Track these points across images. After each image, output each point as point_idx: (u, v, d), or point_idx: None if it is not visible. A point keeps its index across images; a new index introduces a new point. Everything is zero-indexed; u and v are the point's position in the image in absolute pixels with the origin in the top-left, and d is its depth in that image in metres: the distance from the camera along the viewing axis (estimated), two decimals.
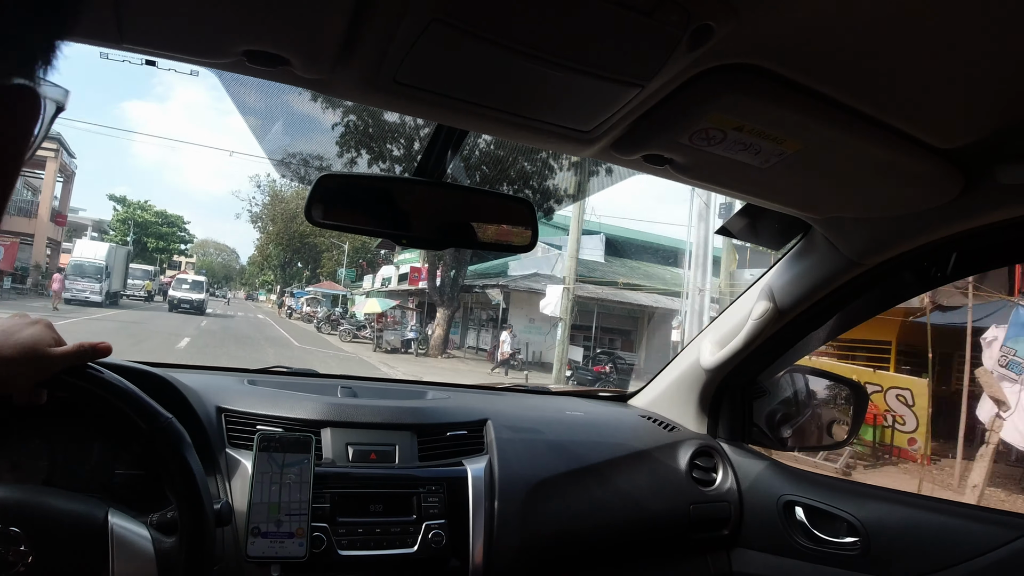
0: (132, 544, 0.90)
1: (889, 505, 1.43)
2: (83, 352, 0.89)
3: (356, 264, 46.47)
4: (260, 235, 58.28)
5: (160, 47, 0.75)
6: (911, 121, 0.84)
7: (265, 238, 56.79)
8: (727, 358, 1.61)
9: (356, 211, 1.09)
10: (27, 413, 1.02)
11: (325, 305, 39.51)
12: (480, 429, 1.43)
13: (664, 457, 1.60)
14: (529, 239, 1.15)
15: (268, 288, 71.28)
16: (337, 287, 43.86)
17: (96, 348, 0.90)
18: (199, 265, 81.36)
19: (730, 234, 1.47)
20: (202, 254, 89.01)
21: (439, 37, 0.66)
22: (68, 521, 0.89)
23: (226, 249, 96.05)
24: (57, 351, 0.87)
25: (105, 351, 0.91)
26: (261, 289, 74.75)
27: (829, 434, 1.76)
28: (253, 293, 75.05)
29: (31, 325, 0.88)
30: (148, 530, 0.93)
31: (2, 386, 0.84)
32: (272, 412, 1.27)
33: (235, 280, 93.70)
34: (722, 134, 0.85)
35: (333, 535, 1.15)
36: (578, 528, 1.40)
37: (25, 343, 0.85)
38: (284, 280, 59.12)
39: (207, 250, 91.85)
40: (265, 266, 66.09)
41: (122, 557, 0.89)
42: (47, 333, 0.88)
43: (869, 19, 0.65)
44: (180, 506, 0.90)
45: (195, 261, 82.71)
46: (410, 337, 22.59)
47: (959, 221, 1.12)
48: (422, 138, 17.47)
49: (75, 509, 0.91)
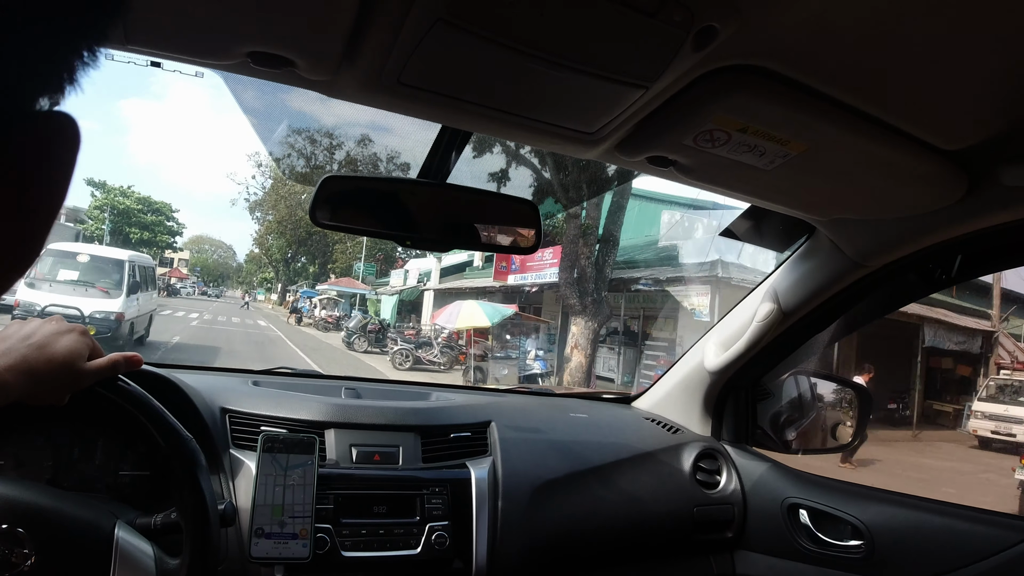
0: (135, 560, 0.90)
1: (893, 508, 1.42)
2: (117, 365, 0.88)
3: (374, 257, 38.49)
4: (259, 227, 51.21)
5: (165, 49, 0.75)
6: (916, 122, 0.84)
7: (264, 228, 49.64)
8: (731, 360, 1.61)
9: (360, 213, 1.10)
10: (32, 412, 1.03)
11: (343, 308, 31.12)
12: (484, 431, 1.43)
13: (668, 459, 1.60)
14: (533, 240, 1.15)
15: (268, 287, 64.57)
16: (358, 285, 34.58)
17: (129, 360, 0.90)
18: (193, 262, 77.56)
19: (735, 236, 1.47)
20: (196, 251, 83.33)
21: (443, 38, 0.66)
22: (75, 528, 0.89)
23: (222, 246, 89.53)
24: (93, 367, 0.85)
25: (137, 363, 0.91)
26: (260, 288, 68.23)
27: (833, 436, 1.75)
28: (251, 292, 68.62)
29: (66, 334, 0.85)
30: (153, 548, 0.93)
31: (33, 400, 0.81)
32: (276, 413, 1.27)
33: (232, 279, 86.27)
34: (727, 135, 0.85)
35: (337, 536, 1.15)
36: (582, 529, 1.40)
37: (62, 359, 0.82)
38: (288, 277, 51.39)
39: (202, 246, 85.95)
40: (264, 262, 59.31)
41: (124, 571, 0.88)
42: (83, 343, 0.86)
43: (874, 20, 0.65)
44: (186, 525, 0.91)
45: (188, 258, 77.45)
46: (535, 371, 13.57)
47: (964, 223, 1.12)
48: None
49: (83, 517, 0.90)
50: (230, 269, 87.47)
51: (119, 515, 0.94)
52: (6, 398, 0.77)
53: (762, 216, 1.39)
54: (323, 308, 30.57)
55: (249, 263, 72.97)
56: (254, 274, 71.66)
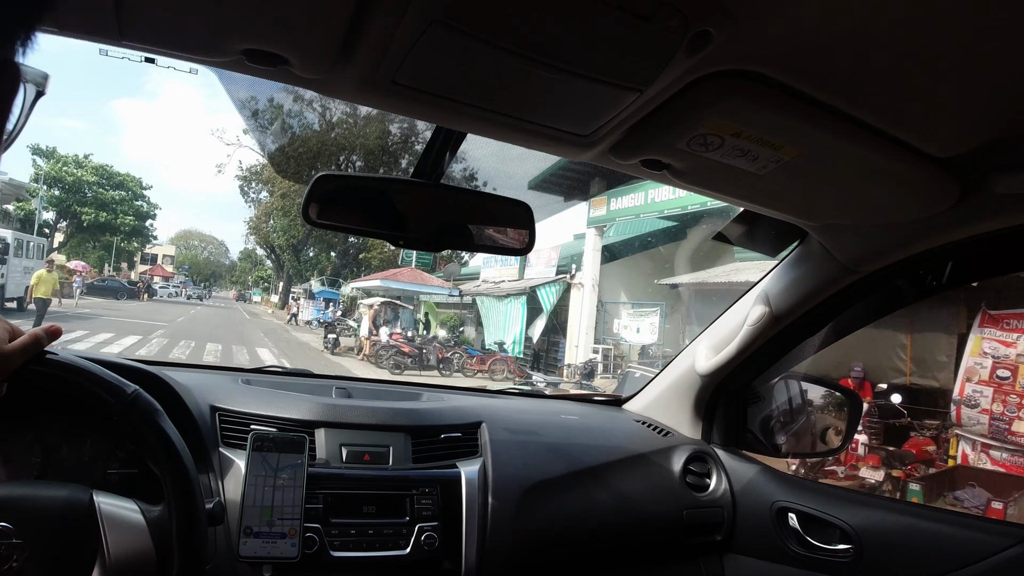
0: (122, 518, 0.91)
1: (882, 512, 1.43)
2: (39, 339, 0.87)
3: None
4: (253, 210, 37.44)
5: (160, 45, 0.75)
6: (908, 129, 0.85)
7: (262, 209, 35.58)
8: (722, 363, 1.62)
9: (354, 212, 1.09)
10: (18, 409, 1.02)
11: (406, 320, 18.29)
12: (474, 431, 1.43)
13: (658, 462, 1.60)
14: (527, 241, 1.15)
15: (265, 287, 55.01)
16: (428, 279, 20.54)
17: (48, 332, 0.89)
18: (180, 259, 69.47)
19: (728, 240, 1.48)
20: (184, 247, 75.17)
21: (438, 39, 0.66)
22: (55, 508, 0.89)
23: (213, 241, 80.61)
24: (15, 346, 0.85)
25: (56, 333, 0.90)
26: (256, 288, 59.71)
27: (823, 441, 1.76)
28: (245, 293, 62.24)
29: None
30: (135, 502, 0.94)
31: None
32: (266, 412, 1.27)
33: (224, 278, 79.26)
34: (720, 140, 0.85)
35: (326, 536, 1.15)
36: (571, 531, 1.40)
37: None
38: (296, 271, 36.86)
39: (190, 242, 77.63)
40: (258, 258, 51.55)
41: (114, 532, 0.89)
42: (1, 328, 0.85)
43: (867, 28, 0.66)
44: (164, 475, 0.91)
45: (174, 254, 68.93)
46: None
47: (955, 230, 1.13)
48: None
49: (59, 495, 0.91)
50: (222, 267, 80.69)
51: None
52: None
53: (755, 220, 1.40)
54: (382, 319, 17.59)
55: (243, 261, 67.17)
56: (248, 272, 65.72)
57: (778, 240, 1.44)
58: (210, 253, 79.86)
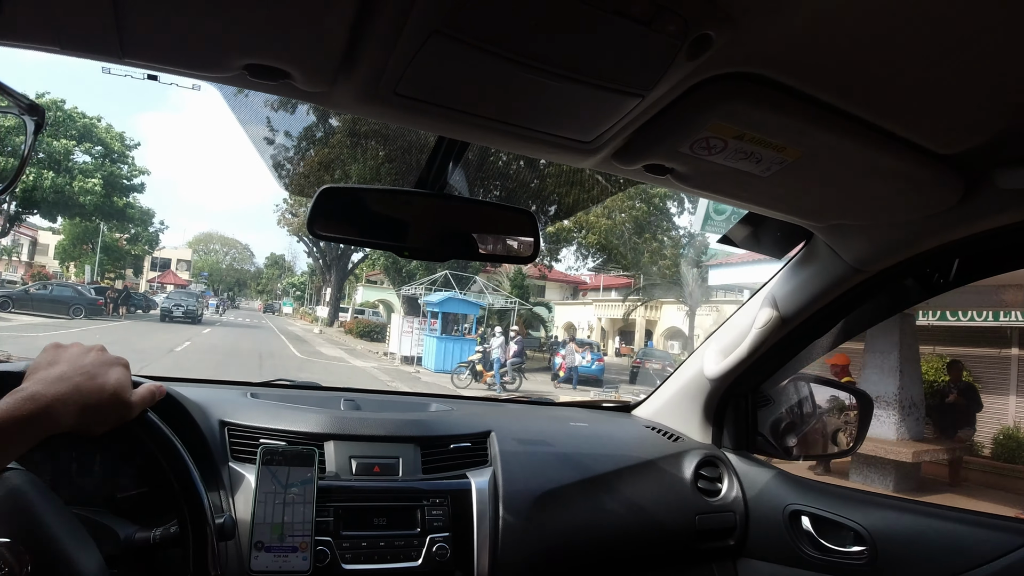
0: None
1: (896, 513, 1.42)
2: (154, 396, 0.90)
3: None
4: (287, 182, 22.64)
5: (161, 62, 0.75)
6: (910, 127, 0.84)
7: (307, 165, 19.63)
8: (731, 367, 1.61)
9: (358, 223, 1.10)
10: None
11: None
12: (484, 441, 1.42)
13: (669, 467, 1.59)
14: (532, 250, 1.15)
15: (298, 295, 47.63)
16: None
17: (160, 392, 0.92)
18: (198, 266, 61.47)
19: (732, 243, 1.47)
20: (202, 252, 66.58)
21: (439, 49, 0.67)
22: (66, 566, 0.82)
23: (236, 245, 70.18)
24: (137, 400, 0.86)
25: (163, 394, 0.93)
26: (286, 298, 51.23)
27: (834, 442, 1.75)
28: (274, 303, 54.31)
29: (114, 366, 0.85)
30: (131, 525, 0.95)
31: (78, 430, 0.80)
32: (275, 425, 1.27)
33: (250, 287, 70.04)
34: (723, 143, 0.85)
35: (337, 549, 1.14)
36: (583, 539, 1.39)
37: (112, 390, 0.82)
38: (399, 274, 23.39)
39: (209, 246, 68.46)
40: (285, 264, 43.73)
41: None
42: (128, 376, 0.86)
43: (867, 26, 0.66)
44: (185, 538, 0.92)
45: (191, 259, 61.03)
46: None
47: (960, 227, 1.12)
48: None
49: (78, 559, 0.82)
50: (247, 275, 70.21)
51: (119, 530, 0.94)
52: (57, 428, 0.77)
53: (760, 222, 1.39)
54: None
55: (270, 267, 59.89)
56: (276, 280, 58.64)
57: (784, 242, 1.44)
58: (233, 259, 70.40)
